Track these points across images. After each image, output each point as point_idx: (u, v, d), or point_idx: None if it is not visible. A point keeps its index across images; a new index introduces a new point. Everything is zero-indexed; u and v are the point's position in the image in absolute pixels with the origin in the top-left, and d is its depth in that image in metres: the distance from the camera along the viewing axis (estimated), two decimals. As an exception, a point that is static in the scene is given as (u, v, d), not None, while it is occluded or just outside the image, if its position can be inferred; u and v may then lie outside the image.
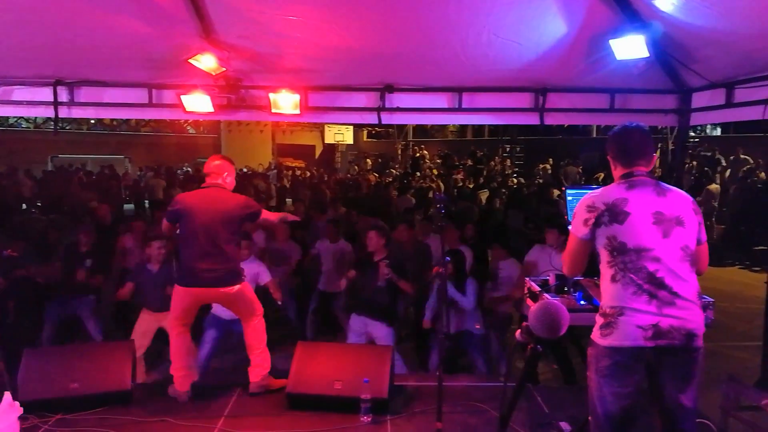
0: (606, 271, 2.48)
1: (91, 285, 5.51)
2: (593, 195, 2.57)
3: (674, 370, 2.40)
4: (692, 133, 15.18)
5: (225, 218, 3.99)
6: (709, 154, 15.16)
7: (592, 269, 2.76)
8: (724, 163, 14.70)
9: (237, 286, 4.05)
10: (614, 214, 2.45)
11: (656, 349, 2.35)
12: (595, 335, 2.48)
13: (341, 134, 26.01)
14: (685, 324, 2.36)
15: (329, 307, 6.26)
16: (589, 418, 2.56)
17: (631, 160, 2.58)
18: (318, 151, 29.50)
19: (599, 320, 2.48)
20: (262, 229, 6.38)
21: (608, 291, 2.46)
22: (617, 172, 2.63)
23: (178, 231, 4.11)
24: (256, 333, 4.22)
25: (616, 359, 2.39)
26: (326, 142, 27.59)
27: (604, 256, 2.48)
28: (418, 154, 23.26)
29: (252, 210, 4.18)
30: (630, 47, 4.41)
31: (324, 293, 6.25)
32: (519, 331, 2.30)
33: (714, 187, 12.95)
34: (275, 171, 21.94)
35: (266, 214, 4.33)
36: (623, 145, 2.62)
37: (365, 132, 28.76)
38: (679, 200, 2.51)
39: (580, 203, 2.59)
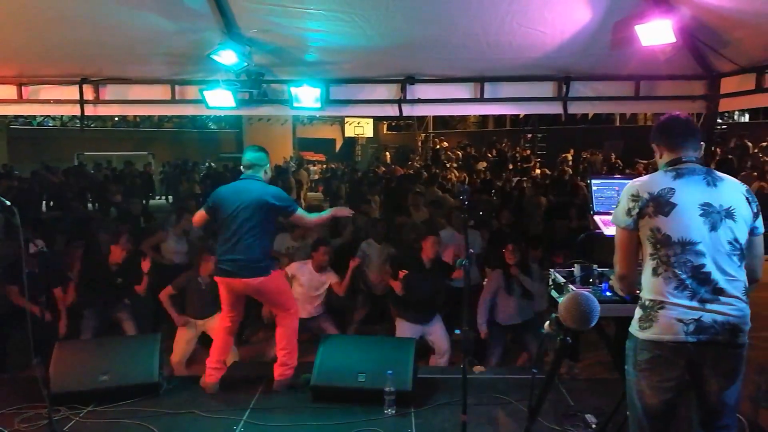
0: (648, 264, 2.37)
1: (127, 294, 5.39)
2: (638, 183, 2.43)
3: (717, 366, 2.31)
4: (719, 120, 14.83)
5: (254, 208, 3.97)
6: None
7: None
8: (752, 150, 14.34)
9: (260, 278, 4.00)
10: (659, 204, 2.32)
11: (698, 345, 2.26)
12: (634, 328, 2.39)
13: (361, 127, 26.02)
14: (729, 319, 2.26)
15: (381, 306, 6.11)
16: (627, 411, 2.50)
17: (677, 144, 2.44)
18: (338, 145, 29.55)
19: (638, 312, 2.39)
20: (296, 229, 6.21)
21: (649, 284, 2.37)
22: (663, 159, 2.48)
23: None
24: (286, 331, 4.22)
25: (655, 353, 2.30)
26: (346, 135, 27.62)
27: (646, 248, 2.37)
28: (438, 146, 23.15)
29: (283, 203, 4.09)
30: (656, 32, 4.31)
31: (374, 295, 6.11)
32: (548, 322, 2.25)
33: (753, 173, 12.57)
34: (291, 164, 21.92)
35: (301, 216, 4.24)
36: (668, 130, 2.48)
37: (385, 125, 28.72)
38: (730, 190, 2.37)
39: (625, 191, 2.46)
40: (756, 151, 14.16)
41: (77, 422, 3.70)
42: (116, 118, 24.30)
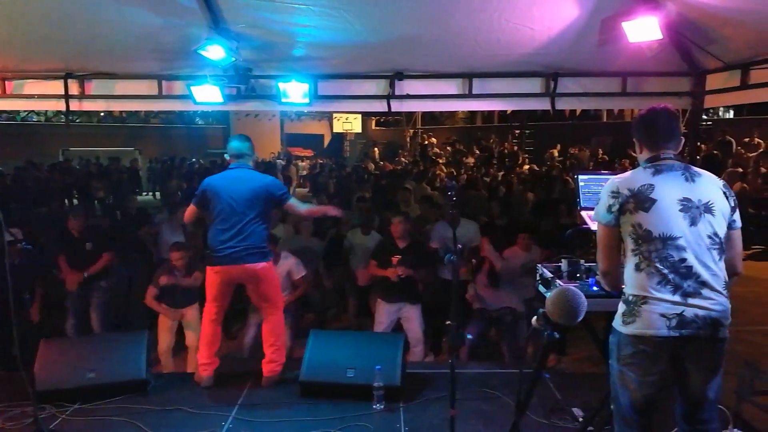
0: (630, 259, 2.41)
1: (101, 265, 5.45)
2: (618, 180, 2.48)
3: (699, 360, 2.35)
4: (704, 116, 14.95)
5: (251, 196, 4.01)
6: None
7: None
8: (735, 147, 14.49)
9: (262, 264, 4.06)
10: (640, 201, 2.36)
11: (680, 339, 2.30)
12: (617, 323, 2.43)
13: (349, 123, 25.95)
14: (710, 314, 2.29)
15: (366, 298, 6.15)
16: (611, 406, 2.53)
17: (658, 143, 2.47)
18: (327, 140, 29.47)
19: (621, 307, 2.43)
20: (288, 221, 6.30)
21: (632, 279, 2.40)
22: (643, 155, 2.52)
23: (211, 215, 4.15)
24: (274, 327, 4.23)
25: (639, 348, 2.33)
26: (335, 131, 27.55)
27: (628, 244, 2.41)
28: (426, 142, 23.18)
29: (279, 192, 4.14)
30: (643, 29, 4.33)
31: (359, 287, 6.13)
32: (536, 317, 2.26)
33: (738, 170, 12.67)
34: (280, 160, 21.85)
35: (294, 205, 4.28)
36: (650, 127, 2.50)
37: (374, 120, 28.68)
38: (708, 185, 2.41)
39: (605, 188, 2.50)
40: (739, 147, 14.33)
41: (63, 420, 3.67)
42: (102, 114, 24.04)
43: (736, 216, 2.45)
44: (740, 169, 12.49)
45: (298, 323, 5.66)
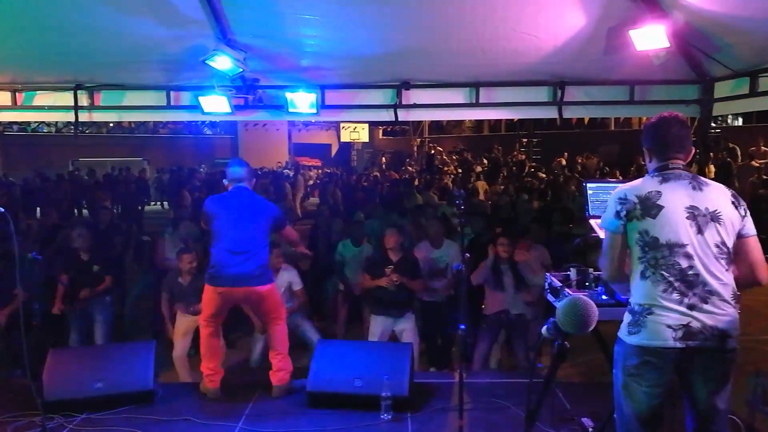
0: (636, 267, 2.38)
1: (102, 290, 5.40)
2: (625, 187, 2.46)
3: (706, 371, 2.32)
4: (712, 124, 14.88)
5: (253, 219, 4.08)
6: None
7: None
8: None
9: (265, 287, 4.09)
10: (647, 207, 2.34)
11: (687, 350, 2.27)
12: (623, 333, 2.40)
13: (357, 133, 26.07)
14: (717, 324, 2.27)
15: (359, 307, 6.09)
16: (615, 415, 2.51)
17: (668, 153, 2.45)
18: (334, 150, 29.60)
19: (627, 317, 2.40)
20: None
21: (637, 288, 2.37)
22: (652, 164, 2.50)
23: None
24: (279, 337, 4.26)
25: (644, 358, 2.31)
26: (342, 140, 27.68)
27: (635, 252, 2.39)
28: (433, 151, 23.21)
29: (282, 216, 4.29)
30: (650, 37, 4.33)
31: (353, 295, 6.03)
32: (546, 327, 2.25)
33: (753, 163, 12.58)
34: (288, 170, 21.92)
35: (291, 231, 4.39)
36: (660, 138, 2.48)
37: (381, 130, 28.78)
38: (716, 194, 2.39)
39: (612, 195, 2.48)
40: (748, 160, 14.26)
41: (71, 430, 3.67)
42: (111, 124, 24.28)
43: (748, 223, 2.41)
44: (755, 163, 12.36)
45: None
